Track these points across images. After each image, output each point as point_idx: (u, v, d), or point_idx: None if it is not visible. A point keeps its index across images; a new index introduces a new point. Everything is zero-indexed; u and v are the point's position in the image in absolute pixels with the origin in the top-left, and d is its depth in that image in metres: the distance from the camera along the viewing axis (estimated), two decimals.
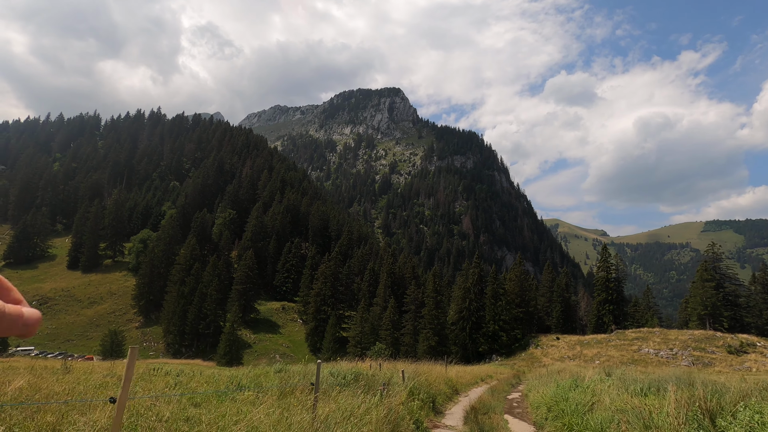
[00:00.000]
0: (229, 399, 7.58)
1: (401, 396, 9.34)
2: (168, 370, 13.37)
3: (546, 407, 11.54)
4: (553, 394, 11.92)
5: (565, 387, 11.68)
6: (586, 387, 10.69)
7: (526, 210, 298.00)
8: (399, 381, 11.66)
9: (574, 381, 12.25)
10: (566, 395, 10.62)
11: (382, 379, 10.75)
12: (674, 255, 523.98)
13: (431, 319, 64.05)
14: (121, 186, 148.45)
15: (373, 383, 9.85)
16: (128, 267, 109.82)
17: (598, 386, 10.11)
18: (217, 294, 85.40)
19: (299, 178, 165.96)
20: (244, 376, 10.49)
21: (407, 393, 10.24)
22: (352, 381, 9.74)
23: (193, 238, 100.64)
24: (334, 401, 7.20)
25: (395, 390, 9.90)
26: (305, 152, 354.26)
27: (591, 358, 51.38)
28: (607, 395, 9.04)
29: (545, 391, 13.57)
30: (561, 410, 9.87)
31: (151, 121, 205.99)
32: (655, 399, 8.20)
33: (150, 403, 6.45)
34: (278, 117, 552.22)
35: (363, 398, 7.54)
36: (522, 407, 15.18)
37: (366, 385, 9.34)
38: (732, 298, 64.33)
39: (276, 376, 10.19)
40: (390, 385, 10.21)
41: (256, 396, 7.84)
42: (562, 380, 14.25)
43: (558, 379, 15.23)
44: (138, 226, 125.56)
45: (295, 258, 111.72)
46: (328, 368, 11.31)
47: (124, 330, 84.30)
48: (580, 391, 10.62)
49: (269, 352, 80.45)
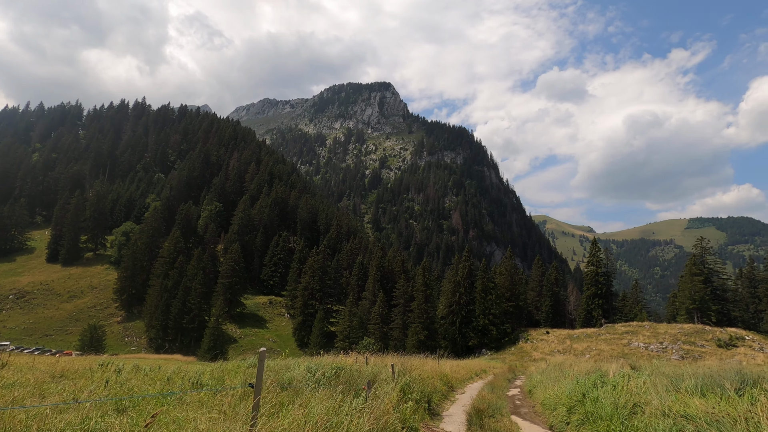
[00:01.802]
0: (177, 401, 6.19)
1: (391, 397, 8.03)
2: (120, 365, 11.89)
3: (565, 408, 9.91)
4: (570, 392, 10.31)
5: (587, 384, 9.97)
6: (616, 384, 9.00)
7: (515, 206, 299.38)
8: (388, 377, 10.26)
9: (599, 376, 10.46)
10: (593, 394, 8.91)
11: (369, 375, 9.40)
12: (659, 251, 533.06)
13: (421, 313, 63.14)
14: (104, 177, 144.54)
15: (357, 380, 8.54)
16: (110, 260, 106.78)
17: (632, 383, 8.51)
18: (201, 288, 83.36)
19: (288, 171, 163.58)
20: (209, 373, 9.12)
21: (398, 392, 8.85)
22: (332, 377, 8.44)
23: (177, 231, 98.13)
24: (304, 407, 5.74)
25: (384, 389, 8.56)
26: (294, 146, 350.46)
27: (581, 352, 50.96)
28: (654, 395, 7.26)
29: (559, 388, 11.90)
30: (589, 413, 8.30)
31: (135, 112, 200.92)
32: (721, 401, 6.32)
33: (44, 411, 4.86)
34: (267, 110, 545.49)
35: (342, 400, 6.23)
36: (527, 405, 13.83)
37: (348, 383, 8.05)
38: (720, 292, 64.65)
39: (248, 372, 8.85)
40: (377, 383, 8.92)
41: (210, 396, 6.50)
42: (574, 374, 13.00)
43: (570, 373, 13.74)
44: (121, 218, 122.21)
45: (282, 252, 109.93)
46: (306, 363, 9.99)
47: (105, 325, 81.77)
48: (608, 389, 8.78)
49: (255, 347, 78.83)
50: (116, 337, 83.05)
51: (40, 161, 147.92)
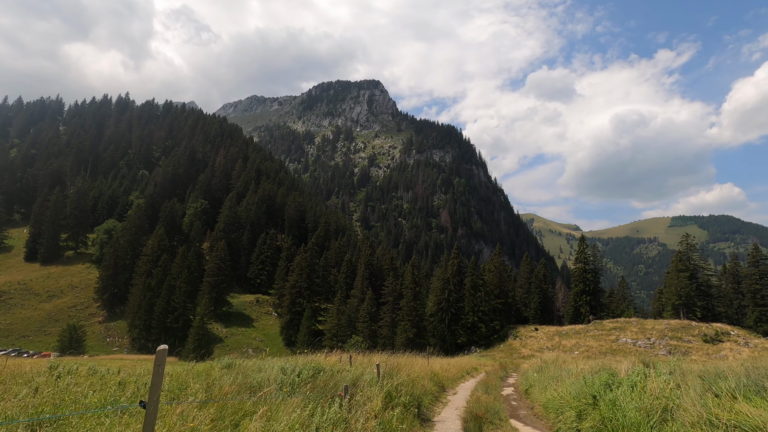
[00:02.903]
0: (114, 414, 5.22)
1: (375, 404, 7.05)
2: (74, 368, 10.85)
3: (574, 412, 8.82)
4: (577, 393, 9.27)
5: (598, 384, 8.82)
6: (633, 384, 7.86)
7: (503, 204, 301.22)
8: (373, 380, 9.19)
9: (610, 375, 9.19)
10: (608, 397, 7.81)
11: (350, 378, 8.48)
12: (643, 249, 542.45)
13: (409, 311, 62.59)
14: (85, 174, 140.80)
15: (337, 383, 7.68)
16: (92, 259, 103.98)
17: (653, 383, 7.33)
18: (186, 286, 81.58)
19: (275, 168, 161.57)
20: (176, 375, 8.20)
21: (384, 397, 7.85)
22: (310, 380, 7.60)
23: (161, 228, 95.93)
24: (266, 419, 4.83)
25: (367, 393, 7.62)
26: (283, 144, 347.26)
27: (570, 349, 50.98)
28: (687, 398, 6.15)
29: (563, 389, 10.79)
30: (606, 419, 7.24)
31: (118, 108, 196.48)
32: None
33: None
34: (255, 107, 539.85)
35: (313, 410, 5.40)
36: (525, 407, 12.95)
37: (325, 387, 7.20)
38: (704, 288, 65.43)
39: (222, 374, 7.98)
40: (360, 387, 7.97)
41: None
42: (577, 373, 11.94)
43: (572, 371, 12.68)
44: (103, 216, 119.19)
45: (270, 249, 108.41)
46: (280, 363, 9.09)
47: (86, 325, 79.48)
48: (625, 390, 7.67)
49: (242, 346, 77.49)
50: (97, 338, 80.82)
51: (18, 157, 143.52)
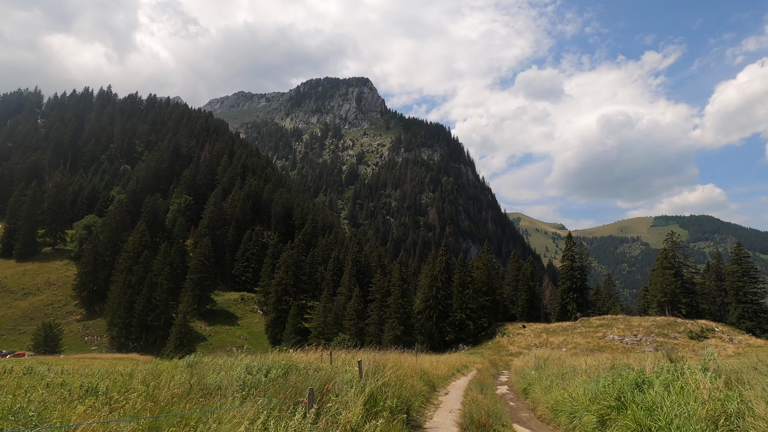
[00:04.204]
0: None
1: (353, 411, 5.77)
2: (8, 367, 9.71)
3: (594, 416, 7.65)
4: (595, 394, 8.16)
5: (623, 384, 7.57)
6: (667, 384, 6.62)
7: (490, 203, 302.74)
8: (354, 378, 7.91)
9: (638, 373, 7.89)
10: (641, 399, 6.63)
11: (325, 376, 7.31)
12: (626, 248, 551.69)
13: (397, 308, 61.84)
14: (64, 168, 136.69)
15: (312, 383, 6.55)
16: (70, 255, 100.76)
17: (694, 382, 6.16)
18: (168, 283, 79.56)
19: (262, 164, 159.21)
20: (135, 374, 7.18)
21: (366, 401, 6.56)
22: (279, 379, 6.59)
23: (143, 224, 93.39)
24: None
25: (345, 397, 6.41)
26: (270, 140, 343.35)
27: (558, 346, 50.84)
28: (761, 403, 4.95)
29: (574, 389, 9.57)
30: (644, 426, 6.02)
31: (100, 101, 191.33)
32: None
33: None
34: (242, 103, 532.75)
35: (265, 422, 4.41)
36: (525, 408, 11.94)
37: (294, 389, 6.15)
38: (689, 286, 66.13)
39: (185, 373, 6.96)
40: (337, 389, 6.71)
41: None
42: (585, 371, 10.84)
43: (579, 368, 11.45)
44: (83, 211, 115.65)
45: (255, 246, 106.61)
46: (247, 361, 8.07)
47: (63, 323, 76.88)
48: (660, 391, 6.45)
49: (225, 344, 75.83)
50: (75, 336, 78.28)
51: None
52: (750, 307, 62.97)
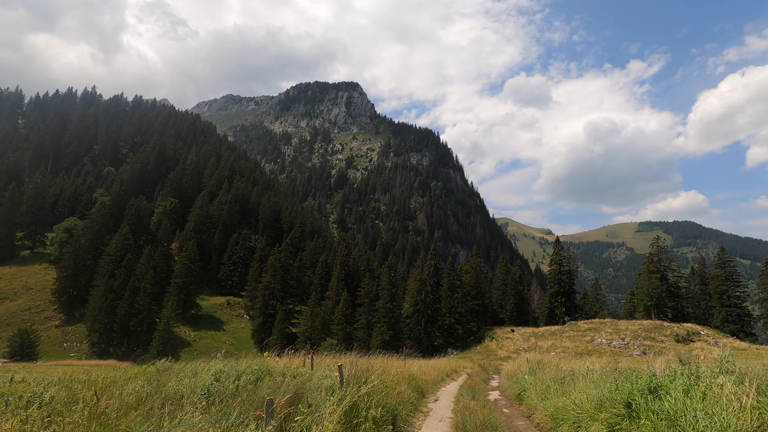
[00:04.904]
0: None
1: (327, 427, 5.16)
2: None
3: (603, 425, 6.99)
4: (601, 401, 7.47)
5: (632, 389, 6.91)
6: (687, 389, 5.99)
7: (479, 208, 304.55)
8: (334, 385, 7.10)
9: (649, 378, 7.17)
10: (656, 408, 5.97)
11: (297, 384, 6.47)
12: (612, 253, 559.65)
13: (386, 313, 61.25)
14: (45, 170, 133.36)
15: (285, 391, 5.84)
16: (50, 259, 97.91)
17: (719, 388, 5.55)
18: (152, 288, 77.71)
19: (250, 167, 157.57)
20: (101, 381, 6.56)
21: (345, 412, 5.81)
22: (250, 387, 5.98)
23: (126, 227, 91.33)
24: None
25: (319, 410, 5.70)
26: (259, 144, 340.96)
27: (547, 350, 50.78)
28: None
29: (577, 395, 8.84)
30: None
31: (84, 101, 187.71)
32: None
33: None
34: (230, 107, 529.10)
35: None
36: (519, 415, 11.28)
37: (265, 398, 5.49)
38: (674, 290, 66.92)
39: (146, 380, 6.33)
40: (304, 404, 5.91)
41: None
42: (586, 375, 10.16)
43: (579, 373, 10.77)
44: (64, 214, 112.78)
45: (242, 250, 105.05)
46: (218, 366, 7.43)
47: (41, 329, 74.51)
48: (680, 397, 5.80)
49: (211, 350, 74.16)
50: (53, 343, 75.84)
51: None
52: (733, 311, 63.89)
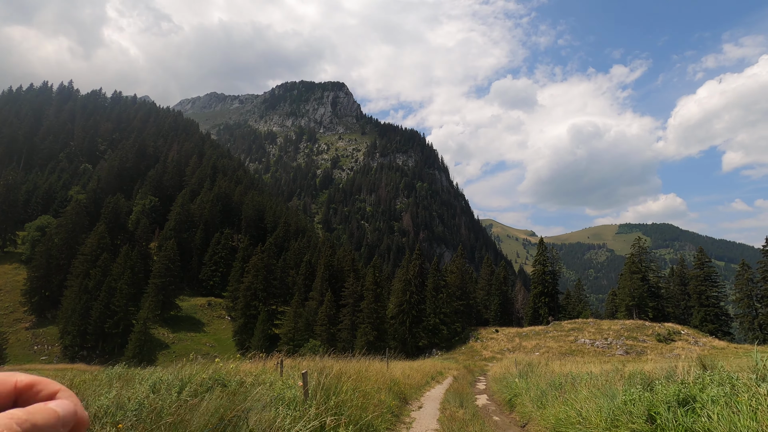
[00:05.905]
0: None
1: None
2: None
3: None
4: (613, 413, 6.62)
5: (656, 399, 6.00)
6: (715, 400, 5.16)
7: (464, 209, 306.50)
8: (297, 398, 6.07)
9: (679, 387, 6.19)
10: (689, 423, 5.05)
11: (240, 399, 5.31)
12: (593, 255, 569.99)
13: (370, 313, 60.43)
14: (17, 166, 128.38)
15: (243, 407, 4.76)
16: (20, 258, 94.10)
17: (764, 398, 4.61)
18: (129, 288, 75.26)
19: (234, 166, 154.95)
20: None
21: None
22: (194, 400, 4.96)
23: (102, 226, 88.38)
24: None
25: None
26: (243, 143, 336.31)
27: (531, 350, 50.73)
28: None
29: (582, 404, 7.94)
30: None
31: (60, 96, 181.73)
32: None
33: None
34: (214, 105, 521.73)
35: None
36: (512, 424, 10.49)
37: (212, 416, 4.49)
38: (655, 290, 67.94)
39: (103, 386, 5.43)
40: (244, 428, 4.84)
41: None
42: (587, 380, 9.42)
43: (580, 378, 10.00)
44: (37, 212, 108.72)
45: (224, 250, 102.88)
46: (160, 375, 6.34)
47: (10, 331, 71.36)
48: (722, 411, 4.86)
49: (190, 352, 71.59)
50: (23, 346, 72.76)
51: None
52: (711, 311, 65.13)
